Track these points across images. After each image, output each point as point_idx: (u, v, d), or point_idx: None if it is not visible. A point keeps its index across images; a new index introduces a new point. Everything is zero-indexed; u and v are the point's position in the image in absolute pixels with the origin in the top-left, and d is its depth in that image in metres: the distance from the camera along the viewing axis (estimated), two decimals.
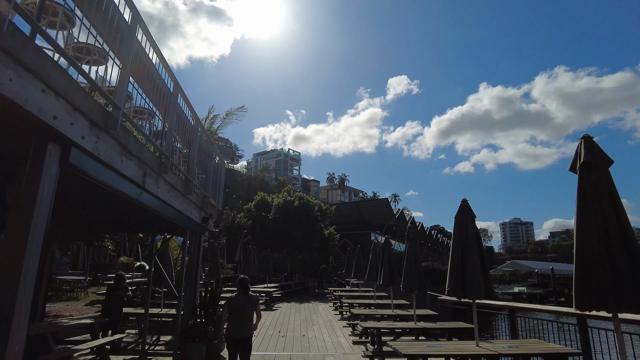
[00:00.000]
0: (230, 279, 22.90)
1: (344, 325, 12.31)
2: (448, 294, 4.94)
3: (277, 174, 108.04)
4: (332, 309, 16.88)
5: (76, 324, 6.85)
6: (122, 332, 8.79)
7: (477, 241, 5.03)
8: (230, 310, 5.51)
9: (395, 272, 9.78)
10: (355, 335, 10.58)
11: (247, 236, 27.47)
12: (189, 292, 8.40)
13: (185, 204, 7.16)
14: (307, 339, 10.26)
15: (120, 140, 4.40)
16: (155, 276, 9.41)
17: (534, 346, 4.78)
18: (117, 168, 4.42)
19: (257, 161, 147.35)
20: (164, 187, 5.99)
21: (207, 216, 8.58)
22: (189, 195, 7.20)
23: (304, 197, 31.37)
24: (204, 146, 8.41)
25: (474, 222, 5.10)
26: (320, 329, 11.74)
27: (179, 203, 6.78)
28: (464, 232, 5.05)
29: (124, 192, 4.78)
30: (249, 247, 24.00)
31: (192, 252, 8.59)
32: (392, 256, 10.00)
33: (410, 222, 54.37)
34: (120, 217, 8.02)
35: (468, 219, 5.10)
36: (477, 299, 4.82)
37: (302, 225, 29.36)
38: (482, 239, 5.13)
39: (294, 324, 12.78)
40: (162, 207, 6.03)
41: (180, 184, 6.73)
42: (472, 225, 5.07)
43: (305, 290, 25.63)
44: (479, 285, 4.78)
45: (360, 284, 21.26)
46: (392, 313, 9.63)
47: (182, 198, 7.00)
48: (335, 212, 34.41)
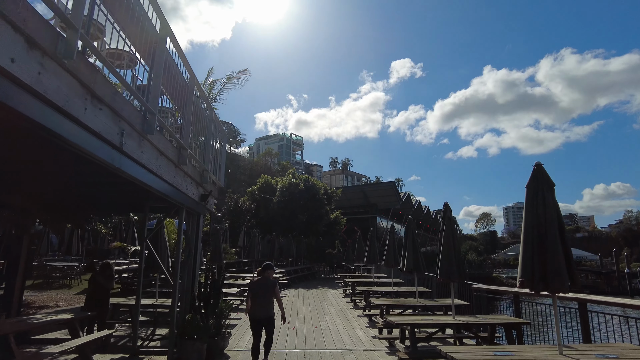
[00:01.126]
0: (234, 264, 21.91)
1: (359, 315, 11.24)
2: (521, 285, 3.76)
3: (279, 158, 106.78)
4: (342, 296, 15.86)
5: (51, 320, 5.74)
6: (111, 326, 7.72)
7: (558, 218, 3.82)
8: (252, 293, 6.02)
9: (421, 258, 8.63)
10: (373, 327, 9.51)
11: (250, 220, 26.43)
12: (186, 280, 7.29)
13: (179, 177, 5.96)
14: (321, 332, 9.19)
15: (81, 77, 3.17)
16: (149, 262, 8.30)
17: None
18: (78, 117, 3.20)
19: (260, 146, 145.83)
20: (150, 153, 4.78)
21: (206, 193, 7.40)
22: (183, 167, 6.00)
23: (309, 179, 30.19)
24: (201, 112, 7.17)
25: (553, 192, 3.88)
26: (334, 320, 10.68)
27: (171, 175, 5.58)
28: (540, 207, 3.83)
29: (92, 154, 3.58)
30: (252, 231, 22.88)
31: (189, 235, 7.44)
32: (417, 241, 8.85)
33: (416, 206, 53.29)
34: (103, 193, 6.84)
35: (545, 188, 3.87)
36: (561, 291, 3.64)
37: (307, 209, 28.26)
38: (561, 215, 3.91)
39: (303, 313, 11.73)
40: (148, 178, 4.83)
41: (172, 151, 5.51)
42: (550, 197, 3.85)
43: (312, 275, 24.67)
44: (562, 275, 3.59)
45: (371, 269, 20.23)
46: (417, 303, 8.52)
47: (175, 169, 5.80)
48: (341, 196, 33.27)
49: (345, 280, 15.47)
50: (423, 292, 10.84)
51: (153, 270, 8.41)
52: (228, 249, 20.73)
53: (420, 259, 8.61)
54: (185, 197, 6.38)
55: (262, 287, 6.01)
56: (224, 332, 7.10)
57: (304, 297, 15.57)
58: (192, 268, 7.43)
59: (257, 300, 5.93)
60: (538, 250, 3.70)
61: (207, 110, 7.55)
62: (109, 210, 8.83)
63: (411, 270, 8.53)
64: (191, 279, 7.32)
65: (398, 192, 45.11)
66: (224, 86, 16.09)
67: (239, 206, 26.34)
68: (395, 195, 44.68)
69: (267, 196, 27.59)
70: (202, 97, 7.27)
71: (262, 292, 5.96)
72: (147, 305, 8.49)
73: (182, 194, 6.21)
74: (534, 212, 3.85)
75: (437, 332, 6.74)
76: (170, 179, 5.54)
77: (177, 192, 5.92)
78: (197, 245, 7.57)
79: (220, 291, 7.14)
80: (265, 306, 5.91)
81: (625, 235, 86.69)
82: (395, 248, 11.41)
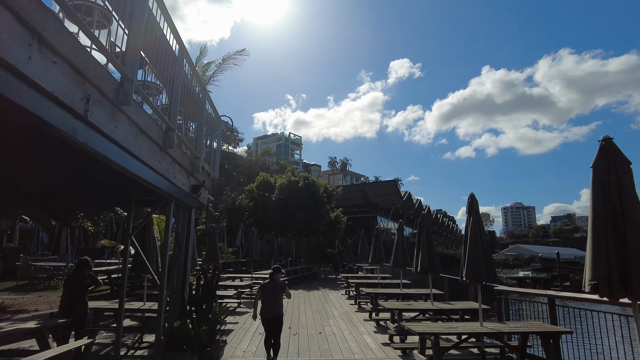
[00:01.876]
0: (231, 264, 21.06)
1: (366, 320, 10.43)
2: (594, 291, 2.94)
3: (278, 158, 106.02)
4: (345, 298, 15.05)
5: (14, 330, 4.90)
6: (92, 334, 6.90)
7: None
8: (263, 294, 6.35)
9: (437, 258, 7.84)
10: (382, 333, 8.70)
11: (248, 219, 25.58)
12: (176, 282, 6.47)
13: (165, 162, 5.14)
14: (325, 338, 8.38)
15: (19, 11, 2.36)
16: (137, 262, 7.49)
17: None
18: (16, 66, 2.39)
19: (258, 145, 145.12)
20: (127, 129, 3.96)
21: (198, 184, 6.58)
22: (170, 151, 5.18)
23: (309, 177, 29.36)
24: (192, 92, 6.35)
25: (630, 173, 3.08)
26: (338, 324, 9.86)
27: (155, 159, 4.76)
28: (614, 191, 3.03)
29: (44, 120, 2.77)
30: (250, 229, 22.05)
31: (179, 231, 6.62)
32: (432, 239, 8.05)
33: (417, 205, 52.50)
34: (82, 184, 6.02)
35: (620, 167, 3.08)
36: None
37: (307, 208, 27.42)
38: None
39: (305, 317, 10.91)
40: (125, 160, 4.01)
41: (156, 130, 4.70)
42: (627, 179, 3.05)
43: (312, 276, 23.84)
44: None
45: (374, 269, 19.43)
46: (431, 306, 7.73)
47: (161, 153, 4.98)
48: (341, 195, 32.41)
49: (349, 282, 14.66)
50: (435, 294, 10.06)
51: (141, 270, 7.59)
52: (225, 248, 19.88)
53: (436, 258, 7.82)
54: (173, 187, 5.57)
55: (273, 289, 6.43)
56: (218, 341, 6.28)
57: (305, 298, 14.75)
58: (183, 268, 6.62)
59: (267, 302, 6.34)
60: (614, 246, 2.90)
61: (200, 92, 6.74)
62: (91, 203, 8.00)
63: (426, 271, 7.73)
64: (181, 280, 6.51)
65: (399, 191, 44.35)
66: (220, 67, 15.09)
67: (237, 204, 25.49)
68: (396, 194, 43.90)
69: (266, 194, 26.73)
70: (194, 75, 6.45)
71: (273, 294, 6.38)
72: (134, 310, 7.69)
73: (169, 183, 5.39)
74: (605, 198, 3.05)
75: (461, 342, 5.93)
76: (154, 164, 4.72)
77: (162, 180, 5.11)
78: (189, 243, 6.76)
79: (214, 294, 6.32)
80: (275, 307, 6.35)
81: None
82: (404, 247, 10.62)
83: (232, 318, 10.43)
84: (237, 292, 12.11)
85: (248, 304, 13.11)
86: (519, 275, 52.69)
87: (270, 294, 6.38)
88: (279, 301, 6.38)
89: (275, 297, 6.35)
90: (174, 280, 6.40)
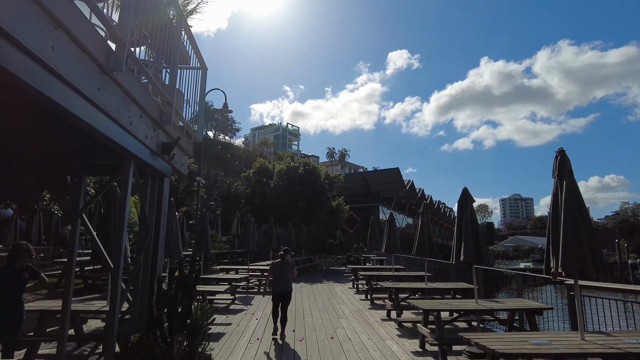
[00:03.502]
0: (226, 255, 19.34)
1: (383, 319, 8.75)
2: None
3: (275, 148, 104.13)
4: (354, 292, 13.37)
5: None
6: (33, 345, 5.20)
7: None
8: (275, 272, 7.25)
9: (483, 247, 6.12)
10: (409, 337, 7.03)
11: (245, 206, 23.82)
12: (142, 275, 4.72)
13: (111, 94, 3.34)
14: (339, 344, 6.69)
15: None
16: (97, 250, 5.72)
17: None
18: None
19: (255, 136, 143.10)
20: (32, 21, 2.17)
21: (170, 141, 4.79)
22: (119, 77, 3.39)
23: (309, 163, 27.58)
24: (162, 13, 4.52)
25: None
26: (352, 325, 8.18)
27: (90, 83, 2.97)
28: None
29: None
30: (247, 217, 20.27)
31: (146, 208, 4.85)
32: (477, 222, 6.37)
33: (419, 195, 50.81)
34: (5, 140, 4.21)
35: None
36: None
37: (307, 195, 25.71)
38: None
39: (312, 316, 9.22)
40: (28, 71, 2.23)
41: (89, 34, 2.89)
42: None
43: (314, 267, 22.18)
44: None
45: (384, 259, 17.82)
46: (477, 306, 6.03)
47: (103, 78, 3.18)
48: (341, 184, 30.66)
49: (359, 274, 12.97)
50: (465, 288, 8.39)
51: (101, 261, 5.84)
52: (218, 236, 18.09)
53: (483, 246, 6.11)
54: (128, 137, 3.78)
55: (283, 267, 7.24)
56: (201, 357, 4.55)
57: (309, 293, 13.07)
58: (152, 257, 4.86)
59: (279, 278, 7.17)
60: None
61: (175, 16, 4.92)
62: (26, 171, 6.18)
63: (471, 262, 6.01)
64: (149, 272, 4.75)
65: (402, 179, 42.60)
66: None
67: (232, 191, 23.69)
68: (399, 183, 42.21)
69: (264, 179, 24.91)
70: None
71: (283, 272, 7.19)
72: (95, 311, 5.99)
73: (121, 130, 3.61)
74: None
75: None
76: (89, 91, 2.94)
77: (106, 121, 3.32)
78: (160, 224, 4.99)
79: (193, 292, 4.56)
80: (286, 283, 7.17)
81: (621, 227, 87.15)
82: (430, 235, 8.90)
83: (225, 317, 8.74)
84: (231, 287, 10.42)
85: (244, 299, 11.41)
86: (519, 267, 51.63)
87: (281, 271, 7.20)
88: (289, 278, 7.22)
89: (286, 275, 7.19)
90: (140, 272, 4.67)
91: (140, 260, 4.71)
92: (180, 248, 8.34)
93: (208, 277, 11.03)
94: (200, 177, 15.26)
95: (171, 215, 8.31)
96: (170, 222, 8.24)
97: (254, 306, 10.40)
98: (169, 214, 8.39)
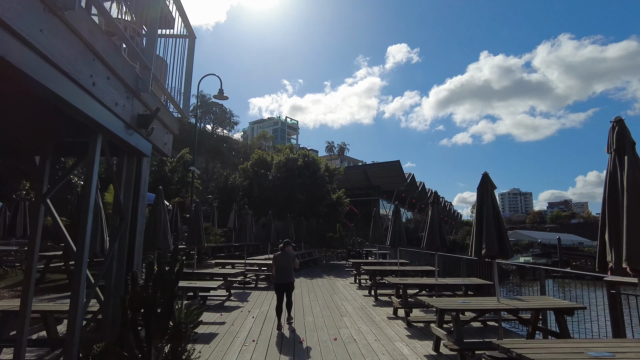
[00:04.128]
0: (223, 249, 18.67)
1: (389, 317, 8.10)
2: None
3: (274, 142, 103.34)
4: (356, 287, 12.72)
5: None
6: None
7: None
8: (277, 264, 7.38)
9: (507, 240, 5.44)
10: (420, 338, 6.38)
11: (243, 199, 23.11)
12: (115, 270, 4.03)
13: (62, 41, 2.62)
14: (343, 346, 6.03)
15: None
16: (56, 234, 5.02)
17: None
18: None
19: (254, 130, 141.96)
20: None
21: (147, 113, 4.07)
22: (75, 26, 2.67)
23: (309, 154, 26.84)
24: None
25: None
26: (356, 324, 7.52)
27: (33, 26, 2.26)
28: None
29: None
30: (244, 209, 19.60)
31: (120, 192, 4.14)
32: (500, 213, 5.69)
33: (420, 189, 50.12)
34: None
35: None
36: None
37: (307, 188, 25.00)
38: None
39: (312, 314, 8.57)
40: None
41: None
42: None
43: (314, 261, 21.53)
44: None
45: (387, 254, 17.16)
46: (499, 304, 5.37)
47: (48, 16, 2.47)
48: (341, 177, 29.92)
49: (362, 269, 12.31)
50: (479, 284, 7.74)
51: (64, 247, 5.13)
52: (213, 229, 17.37)
53: (507, 238, 5.43)
54: (93, 103, 3.08)
55: (284, 259, 7.38)
56: None
57: (309, 288, 12.42)
58: (129, 249, 4.17)
59: (280, 270, 7.30)
60: None
61: None
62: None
63: (493, 256, 5.33)
64: (123, 267, 4.06)
65: (403, 172, 41.84)
66: None
67: (230, 183, 22.95)
68: (399, 176, 41.47)
69: (262, 171, 24.13)
70: None
71: (285, 263, 7.32)
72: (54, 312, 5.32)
73: (82, 92, 2.90)
74: None
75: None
76: (28, 31, 2.23)
77: (60, 77, 2.61)
78: (138, 210, 4.28)
79: (175, 290, 3.87)
80: (287, 274, 7.31)
81: None
82: (441, 227, 8.24)
83: (218, 316, 8.08)
84: (226, 282, 9.75)
85: (240, 295, 10.75)
86: (519, 261, 51.25)
87: (282, 263, 7.34)
88: (290, 269, 7.36)
89: (287, 266, 7.33)
90: (113, 265, 3.98)
91: (114, 252, 4.01)
92: (169, 240, 7.65)
93: (202, 272, 10.35)
94: (195, 167, 14.57)
95: (159, 205, 7.61)
96: (158, 212, 7.55)
97: (250, 303, 9.74)
98: (157, 203, 7.68)
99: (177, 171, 19.55)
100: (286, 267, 7.29)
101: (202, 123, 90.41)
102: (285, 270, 7.29)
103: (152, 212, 7.64)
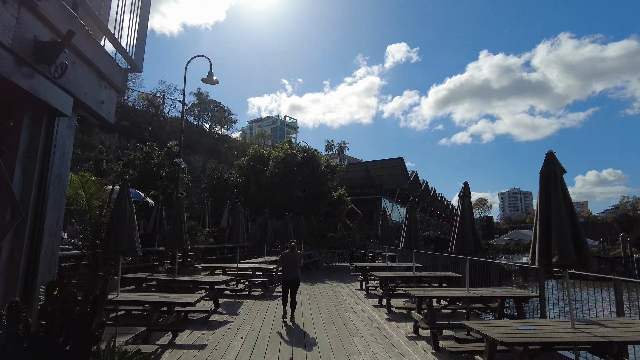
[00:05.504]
0: (214, 250, 17.11)
1: (410, 337, 6.55)
2: None
3: (273, 140, 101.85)
4: (363, 295, 11.18)
5: None
6: None
7: None
8: (284, 262, 7.96)
9: (585, 242, 3.93)
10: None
11: (238, 197, 21.54)
12: (2, 289, 2.50)
13: None
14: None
15: None
16: None
17: None
18: None
19: (253, 128, 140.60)
20: None
21: (52, 40, 2.55)
22: None
23: (309, 150, 25.29)
24: None
25: None
26: (371, 348, 5.97)
27: None
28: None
29: None
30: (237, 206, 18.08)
31: (16, 167, 2.61)
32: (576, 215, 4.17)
33: (423, 187, 48.58)
34: None
35: None
36: None
37: (306, 185, 23.46)
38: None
39: (315, 331, 7.02)
40: None
41: None
42: None
43: (314, 264, 19.98)
44: None
45: (395, 256, 15.64)
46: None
47: None
48: (342, 175, 28.38)
49: (371, 275, 10.76)
50: (521, 296, 6.23)
51: None
52: (199, 228, 15.72)
53: (585, 239, 3.91)
54: None
55: (292, 258, 8.00)
56: None
57: (310, 297, 10.88)
58: (27, 257, 2.64)
59: (287, 268, 7.93)
60: None
61: None
62: None
63: (569, 265, 3.81)
64: (16, 290, 2.52)
65: (406, 170, 40.28)
66: None
67: (224, 180, 21.37)
68: (402, 174, 39.91)
69: (258, 166, 22.53)
70: None
71: (292, 262, 7.94)
72: None
73: None
74: None
75: None
76: None
77: None
78: (48, 198, 2.76)
79: (94, 332, 2.33)
80: (294, 272, 7.91)
81: (621, 221, 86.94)
82: (474, 225, 6.70)
83: (200, 336, 6.53)
84: (211, 292, 8.21)
85: (230, 306, 9.19)
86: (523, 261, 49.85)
87: (290, 261, 7.93)
88: (297, 267, 7.93)
89: (294, 265, 7.92)
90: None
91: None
92: (136, 243, 6.10)
93: (184, 280, 8.79)
94: (182, 160, 13.06)
95: (123, 198, 6.07)
96: (123, 206, 6.01)
97: (241, 316, 8.19)
98: (121, 196, 6.15)
99: (164, 165, 17.98)
100: (294, 265, 7.89)
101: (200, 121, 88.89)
102: (293, 267, 7.88)
103: (115, 208, 6.10)
